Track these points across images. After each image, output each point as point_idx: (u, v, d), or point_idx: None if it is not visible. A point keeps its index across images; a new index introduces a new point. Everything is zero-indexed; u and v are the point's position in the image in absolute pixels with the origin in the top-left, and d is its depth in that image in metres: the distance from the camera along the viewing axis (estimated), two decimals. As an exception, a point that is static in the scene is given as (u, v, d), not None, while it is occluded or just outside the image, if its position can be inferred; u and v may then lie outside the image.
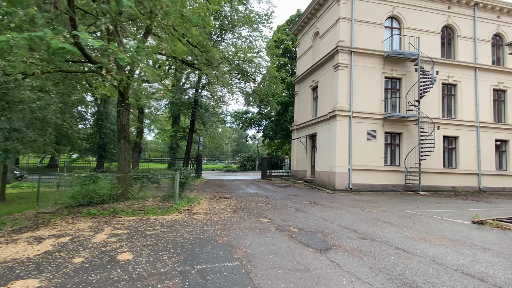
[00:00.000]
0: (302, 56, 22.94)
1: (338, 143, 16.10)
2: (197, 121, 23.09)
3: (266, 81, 16.41)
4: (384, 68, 17.36)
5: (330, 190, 15.46)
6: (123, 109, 10.09)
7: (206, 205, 10.10)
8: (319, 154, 18.40)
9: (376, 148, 16.77)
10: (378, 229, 6.82)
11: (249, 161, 40.78)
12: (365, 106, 16.80)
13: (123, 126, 10.31)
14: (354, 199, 12.78)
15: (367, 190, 16.10)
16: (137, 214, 8.25)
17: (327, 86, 17.95)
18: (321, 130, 18.30)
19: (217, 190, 15.35)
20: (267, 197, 12.81)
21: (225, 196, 12.62)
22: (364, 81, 16.94)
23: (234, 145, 76.15)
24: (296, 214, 8.71)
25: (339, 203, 11.23)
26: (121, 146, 10.33)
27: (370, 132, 16.73)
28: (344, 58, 16.64)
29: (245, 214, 8.57)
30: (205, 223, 7.24)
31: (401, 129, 17.31)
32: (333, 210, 9.62)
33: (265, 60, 14.97)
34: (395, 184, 16.92)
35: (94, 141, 35.76)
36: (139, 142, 20.87)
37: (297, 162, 22.55)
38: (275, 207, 9.88)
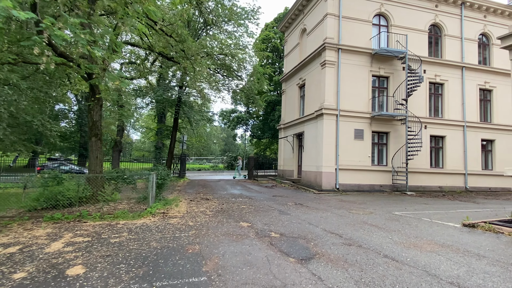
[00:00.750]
0: (289, 53, 22.48)
1: (325, 142, 15.68)
2: (181, 119, 22.35)
3: (251, 79, 15.81)
4: (371, 66, 17.04)
5: (317, 191, 15.02)
6: (93, 104, 9.34)
7: (184, 208, 9.46)
8: (306, 153, 17.96)
9: (363, 148, 16.44)
10: (365, 234, 6.35)
11: (237, 161, 40.14)
12: (353, 104, 16.44)
13: (94, 122, 9.56)
14: (341, 200, 12.36)
15: (354, 190, 15.74)
16: (105, 218, 7.56)
17: (314, 84, 17.52)
18: (308, 129, 17.86)
19: (200, 191, 14.70)
20: (251, 198, 12.25)
21: (206, 198, 12.00)
22: (352, 79, 16.58)
23: (223, 145, 75.44)
24: (280, 217, 8.18)
25: (325, 205, 10.76)
26: (92, 144, 9.58)
27: (358, 131, 16.37)
28: (332, 55, 16.24)
29: (225, 217, 7.98)
30: (179, 228, 6.62)
31: (388, 128, 17.03)
32: (318, 212, 9.13)
33: (250, 55, 14.35)
34: (382, 184, 16.63)
35: (76, 139, 34.54)
36: (119, 141, 19.99)
37: (284, 161, 22.08)
38: (258, 209, 9.33)
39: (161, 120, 28.78)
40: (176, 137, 21.72)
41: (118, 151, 20.30)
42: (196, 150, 64.75)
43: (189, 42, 7.48)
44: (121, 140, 19.87)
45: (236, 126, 37.64)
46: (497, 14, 19.64)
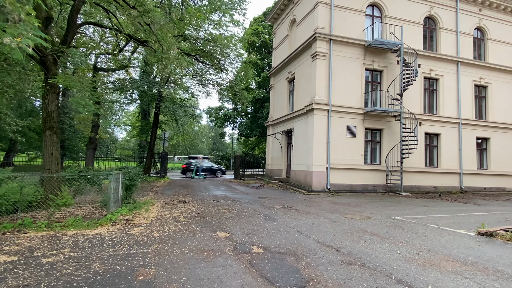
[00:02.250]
0: (278, 46, 21.32)
1: (316, 139, 14.59)
2: (163, 114, 20.92)
3: (235, 69, 14.51)
4: (364, 59, 16.05)
5: (307, 191, 13.91)
6: (44, 90, 7.92)
7: (154, 213, 8.16)
8: (295, 151, 16.85)
9: (356, 145, 15.43)
10: (367, 247, 5.22)
11: (224, 160, 38.81)
12: (345, 99, 15.41)
13: (49, 113, 8.14)
14: (333, 201, 11.27)
15: (347, 191, 14.71)
16: (53, 227, 6.20)
17: (304, 78, 16.41)
18: (298, 126, 16.75)
19: (179, 192, 13.38)
20: (234, 200, 11.03)
21: (184, 200, 10.70)
22: (344, 73, 15.55)
23: (211, 144, 73.92)
24: (265, 223, 6.98)
25: (316, 208, 9.63)
26: (46, 138, 8.17)
27: (350, 127, 15.35)
28: (323, 47, 15.15)
29: (200, 225, 6.73)
30: (139, 241, 5.35)
31: (382, 125, 16.08)
32: (309, 217, 7.98)
33: (234, 42, 12.93)
34: (376, 184, 15.67)
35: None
36: (94, 138, 18.43)
37: (272, 160, 20.93)
38: (241, 215, 8.11)
39: (145, 117, 27.20)
40: (156, 134, 20.28)
41: (93, 149, 18.75)
42: (183, 149, 63.09)
43: (156, 14, 6.25)
44: (95, 136, 18.32)
45: (224, 124, 36.30)
46: (492, 8, 18.96)
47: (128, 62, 20.27)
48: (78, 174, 8.81)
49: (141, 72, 21.13)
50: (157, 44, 6.59)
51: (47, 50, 7.93)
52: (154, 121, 19.95)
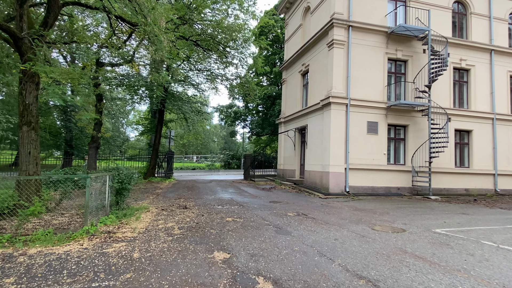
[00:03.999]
0: (290, 37, 19.89)
1: (333, 137, 13.13)
2: (169, 111, 19.85)
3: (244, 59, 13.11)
4: (387, 48, 14.46)
5: (323, 195, 12.48)
6: (21, 79, 6.81)
7: (146, 222, 6.94)
8: (310, 150, 15.41)
9: (378, 144, 13.89)
10: (415, 279, 3.82)
11: (234, 159, 37.60)
12: (365, 92, 13.88)
13: (26, 106, 7.03)
14: (355, 207, 9.81)
15: (367, 194, 13.20)
16: (14, 242, 5.04)
17: (320, 70, 14.95)
18: (312, 122, 15.31)
19: (182, 195, 12.18)
20: (242, 205, 9.72)
21: (185, 205, 9.47)
22: (364, 63, 14.01)
23: (222, 143, 72.99)
24: (276, 239, 5.65)
25: (336, 216, 8.22)
26: (22, 135, 7.06)
27: (371, 124, 13.81)
28: (340, 34, 13.66)
29: (195, 240, 5.45)
30: (110, 266, 4.10)
31: (406, 120, 14.46)
32: (330, 229, 6.59)
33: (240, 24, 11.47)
34: (400, 187, 14.08)
35: (62, 136, 32.13)
36: (97, 136, 17.46)
37: (284, 160, 19.53)
38: (247, 225, 6.79)
39: (155, 115, 26.18)
40: (161, 132, 19.19)
41: (95, 148, 17.80)
42: (194, 148, 62.35)
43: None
44: (97, 135, 17.39)
45: (234, 122, 35.04)
46: (530, -10, 16.99)
47: (133, 57, 19.28)
48: (64, 176, 7.69)
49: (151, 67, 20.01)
50: (141, 16, 5.37)
51: (23, 33, 6.82)
52: (159, 119, 18.86)
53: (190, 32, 9.39)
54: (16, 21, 6.82)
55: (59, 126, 32.29)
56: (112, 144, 39.08)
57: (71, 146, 30.63)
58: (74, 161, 30.37)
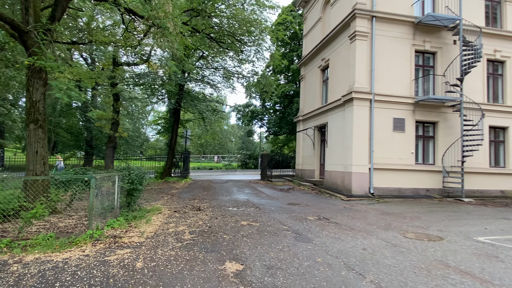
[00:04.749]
0: (309, 32, 19.13)
1: (356, 134, 12.32)
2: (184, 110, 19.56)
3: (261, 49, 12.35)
4: (414, 39, 13.47)
5: (346, 197, 11.71)
6: (28, 75, 6.54)
7: (155, 226, 6.50)
8: (330, 149, 14.64)
9: (405, 142, 12.95)
10: (469, 304, 3.11)
11: (251, 159, 37.10)
12: (391, 87, 12.97)
13: (33, 103, 6.76)
14: (382, 211, 9.02)
15: (394, 196, 12.31)
16: (13, 247, 4.70)
17: (341, 64, 14.14)
18: (333, 120, 14.52)
19: (197, 195, 11.76)
20: (258, 207, 9.15)
21: (198, 207, 9.00)
22: (389, 56, 13.11)
23: (240, 143, 72.80)
24: (295, 247, 5.04)
25: (362, 220, 7.49)
26: (30, 133, 6.80)
27: (397, 120, 12.90)
28: (363, 25, 12.82)
29: (206, 248, 4.93)
30: (109, 278, 3.64)
31: (436, 117, 13.42)
32: (356, 236, 5.91)
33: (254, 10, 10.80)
34: (429, 188, 13.07)
35: (83, 136, 32.71)
36: (113, 136, 17.41)
37: (303, 159, 18.80)
38: (263, 230, 6.21)
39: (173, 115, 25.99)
40: (177, 131, 18.92)
41: (112, 148, 17.77)
42: (212, 148, 62.41)
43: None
44: (114, 135, 17.32)
45: (251, 122, 34.52)
46: None
47: (149, 56, 19.15)
48: (75, 176, 7.38)
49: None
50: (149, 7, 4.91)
51: (28, 26, 6.54)
52: (175, 118, 18.59)
53: (203, 25, 8.90)
54: (22, 14, 6.57)
55: (80, 126, 32.88)
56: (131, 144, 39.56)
57: (91, 146, 31.08)
58: (94, 161, 30.86)
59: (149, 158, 27.96)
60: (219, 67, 18.89)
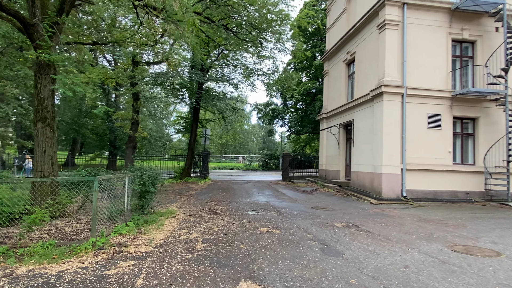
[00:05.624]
0: (332, 25, 18.14)
1: (386, 132, 11.31)
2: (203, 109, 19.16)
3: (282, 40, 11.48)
4: (450, 27, 12.24)
5: (375, 200, 10.75)
6: (36, 71, 6.19)
7: (167, 231, 5.95)
8: (357, 148, 13.65)
9: (441, 140, 11.77)
10: None
11: (272, 159, 36.34)
12: (425, 80, 11.84)
13: (41, 100, 6.42)
14: (419, 217, 8.04)
15: (429, 200, 11.19)
16: (8, 256, 4.27)
17: (369, 56, 13.13)
18: (360, 116, 13.53)
19: (215, 197, 11.21)
20: (279, 212, 8.44)
21: (215, 210, 8.41)
22: (423, 46, 11.98)
23: (261, 143, 72.30)
24: (322, 263, 4.29)
25: (398, 228, 6.60)
26: (37, 132, 6.46)
27: (433, 116, 11.75)
28: (394, 13, 11.77)
29: (218, 261, 4.29)
30: (100, 301, 3.07)
31: (476, 112, 12.13)
32: (394, 248, 5.06)
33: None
34: (469, 191, 11.81)
35: (107, 137, 33.29)
36: (133, 136, 17.28)
37: (327, 159, 17.84)
38: (285, 240, 5.50)
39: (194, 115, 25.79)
40: (197, 131, 18.52)
41: (132, 147, 17.66)
42: (233, 148, 62.25)
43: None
44: (134, 134, 17.18)
45: (272, 121, 33.77)
46: None
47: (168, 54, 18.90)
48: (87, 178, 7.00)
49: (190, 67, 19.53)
50: None
51: (34, 19, 6.19)
52: (194, 117, 18.20)
53: (219, 14, 8.31)
54: (28, 6, 6.24)
55: (104, 127, 33.46)
56: (154, 144, 39.94)
57: (115, 147, 31.50)
58: (118, 161, 31.26)
59: (172, 158, 27.94)
60: (239, 65, 18.34)
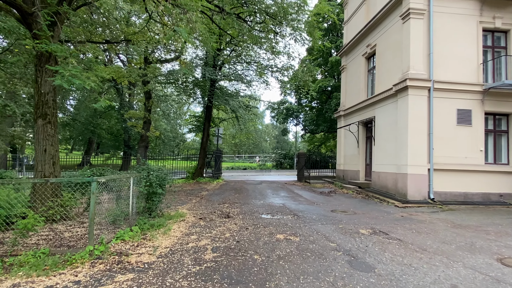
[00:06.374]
0: (350, 18, 17.30)
1: (412, 129, 10.47)
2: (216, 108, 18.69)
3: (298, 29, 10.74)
4: (481, 16, 11.27)
5: (400, 202, 9.94)
6: (36, 64, 5.78)
7: (175, 237, 5.42)
8: (378, 147, 12.83)
9: (472, 137, 10.83)
10: None
11: (287, 159, 35.58)
12: (453, 73, 10.92)
13: (41, 96, 6.00)
14: (452, 222, 7.23)
15: (459, 202, 10.28)
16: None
17: (391, 48, 12.29)
18: (382, 113, 12.69)
19: (228, 198, 10.65)
20: (297, 215, 7.79)
21: (228, 213, 7.85)
22: (451, 36, 11.06)
23: (275, 142, 71.62)
24: (352, 280, 3.64)
25: (432, 236, 5.84)
26: (38, 130, 6.05)
27: (462, 112, 10.82)
28: (419, 1, 10.91)
29: (229, 277, 3.70)
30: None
31: (510, 107, 11.12)
32: (433, 262, 4.34)
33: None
34: (503, 193, 10.83)
35: (122, 137, 33.38)
36: (145, 135, 16.97)
37: (345, 159, 17.01)
38: (305, 249, 4.86)
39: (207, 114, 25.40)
40: (209, 130, 18.05)
41: (144, 147, 17.37)
42: (246, 148, 61.78)
43: None
44: (146, 134, 16.86)
45: (286, 119, 32.99)
46: None
47: (181, 52, 18.55)
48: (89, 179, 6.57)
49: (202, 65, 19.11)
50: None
51: (33, 8, 5.77)
52: (207, 115, 17.72)
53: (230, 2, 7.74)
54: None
55: (118, 127, 33.58)
56: (168, 144, 39.87)
57: (128, 147, 31.51)
58: (132, 161, 31.28)
59: (185, 158, 27.64)
60: (252, 62, 17.76)
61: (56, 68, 4.89)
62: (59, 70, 4.82)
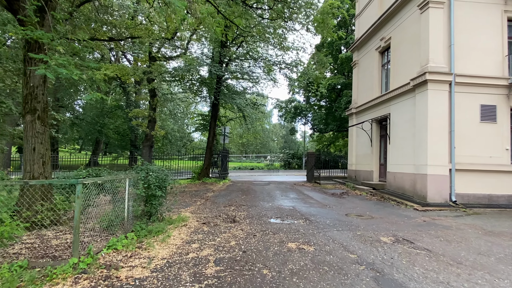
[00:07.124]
0: (362, 11, 16.55)
1: (431, 126, 9.73)
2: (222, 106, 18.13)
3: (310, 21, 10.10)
4: (506, 4, 10.47)
5: (420, 205, 9.21)
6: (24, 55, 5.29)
7: (174, 246, 4.85)
8: (394, 146, 12.09)
9: (497, 135, 10.04)
10: None
11: (295, 159, 34.85)
12: (476, 66, 10.14)
13: (30, 89, 5.50)
14: (482, 228, 6.51)
15: (484, 205, 9.51)
16: (-36, 284, 3.30)
17: (408, 41, 11.54)
18: (398, 110, 11.95)
19: (235, 200, 10.07)
20: (309, 220, 7.16)
21: (234, 217, 7.26)
22: (473, 27, 10.28)
23: (282, 142, 70.92)
24: (381, 303, 3.00)
25: (464, 246, 5.15)
26: (26, 126, 5.55)
27: (486, 108, 10.03)
28: (438, -11, 10.16)
29: (235, 297, 3.11)
30: None
31: (539, 103, 10.29)
32: (474, 279, 3.68)
33: None
34: (531, 196, 10.00)
35: (128, 137, 33.14)
36: (150, 135, 16.51)
37: (357, 159, 16.27)
38: (321, 262, 4.24)
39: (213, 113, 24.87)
40: (215, 128, 17.48)
41: (149, 146, 16.90)
42: (254, 148, 61.21)
43: None
44: (151, 133, 16.41)
45: (294, 118, 32.26)
46: None
47: (186, 49, 18.05)
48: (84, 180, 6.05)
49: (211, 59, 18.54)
50: None
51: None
52: (213, 114, 17.15)
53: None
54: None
55: (124, 127, 33.36)
56: (175, 144, 39.49)
57: (135, 146, 31.23)
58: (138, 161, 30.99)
59: (192, 158, 27.16)
60: (260, 59, 17.14)
61: (40, 56, 4.37)
62: (44, 58, 4.29)
